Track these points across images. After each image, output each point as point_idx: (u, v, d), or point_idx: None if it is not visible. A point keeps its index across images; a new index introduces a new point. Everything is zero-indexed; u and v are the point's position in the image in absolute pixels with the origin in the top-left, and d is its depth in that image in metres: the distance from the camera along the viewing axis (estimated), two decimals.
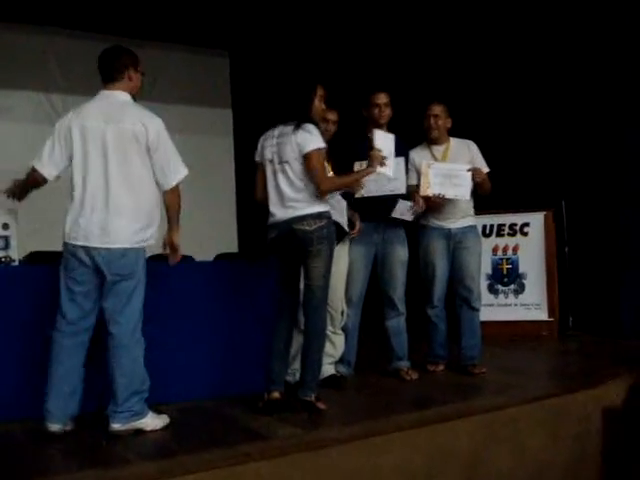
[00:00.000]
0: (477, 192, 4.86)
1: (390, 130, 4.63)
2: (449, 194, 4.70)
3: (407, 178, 4.71)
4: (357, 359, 4.80)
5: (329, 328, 4.47)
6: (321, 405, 3.82)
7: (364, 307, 4.79)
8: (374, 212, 4.59)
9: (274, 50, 7.34)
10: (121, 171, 3.40)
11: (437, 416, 3.69)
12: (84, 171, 3.42)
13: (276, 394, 3.83)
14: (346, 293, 4.65)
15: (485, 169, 4.89)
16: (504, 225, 6.62)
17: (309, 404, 3.80)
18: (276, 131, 3.91)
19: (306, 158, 3.77)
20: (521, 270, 6.55)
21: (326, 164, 4.04)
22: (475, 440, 3.67)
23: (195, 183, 7.30)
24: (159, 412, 3.54)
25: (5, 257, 3.93)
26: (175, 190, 3.53)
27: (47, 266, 3.78)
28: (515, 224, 6.61)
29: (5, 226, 3.98)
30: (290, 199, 3.82)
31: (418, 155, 4.88)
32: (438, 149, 4.88)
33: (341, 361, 4.66)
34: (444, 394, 4.26)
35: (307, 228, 3.79)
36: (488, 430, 3.74)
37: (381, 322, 4.79)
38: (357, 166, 4.45)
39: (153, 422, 3.44)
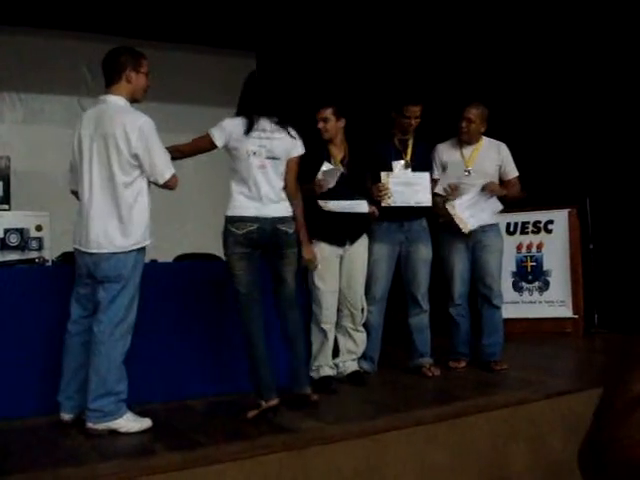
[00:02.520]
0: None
1: (422, 131, 4.80)
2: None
3: (430, 173, 4.83)
4: (381, 356, 4.87)
5: (349, 325, 4.59)
6: (314, 397, 3.90)
7: (388, 304, 4.86)
8: (398, 211, 4.67)
9: (301, 51, 7.41)
10: (102, 178, 3.41)
11: (457, 411, 3.74)
12: (79, 179, 3.50)
13: (275, 401, 3.68)
14: (370, 291, 4.73)
15: (514, 173, 4.93)
16: (528, 223, 6.63)
17: (305, 397, 3.87)
18: (249, 123, 3.79)
19: (293, 161, 3.93)
20: (545, 267, 6.56)
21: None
22: (495, 435, 3.72)
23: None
24: (142, 414, 3.52)
25: (39, 258, 4.08)
26: (170, 187, 3.56)
27: None
28: (539, 221, 6.62)
29: (39, 227, 4.12)
30: (275, 197, 3.83)
31: (446, 150, 4.94)
32: (467, 149, 4.90)
33: (364, 357, 4.74)
34: (465, 390, 4.31)
35: (289, 230, 3.85)
36: (508, 426, 3.78)
37: (404, 319, 4.86)
38: (384, 176, 4.63)
39: (128, 424, 3.41)
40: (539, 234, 6.61)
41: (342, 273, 4.58)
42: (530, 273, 6.61)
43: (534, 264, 6.60)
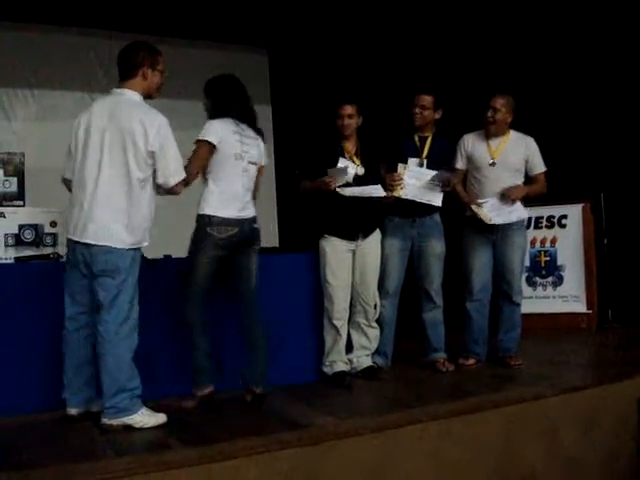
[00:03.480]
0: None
1: (443, 123, 4.82)
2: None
3: (454, 161, 4.88)
4: (395, 351, 4.87)
5: (362, 321, 4.60)
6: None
7: (402, 299, 4.84)
8: (410, 207, 4.66)
9: (313, 47, 7.40)
10: (113, 170, 3.35)
11: (471, 407, 3.74)
12: (81, 167, 3.41)
13: (210, 389, 3.88)
14: (383, 285, 4.72)
15: (540, 169, 4.87)
16: (542, 217, 6.62)
17: (257, 396, 3.88)
18: (234, 126, 3.86)
19: (263, 168, 4.08)
20: (559, 262, 6.54)
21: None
22: (509, 431, 3.72)
23: None
24: (157, 410, 3.51)
25: (53, 253, 4.09)
26: (175, 191, 3.56)
27: None
28: (553, 216, 6.60)
29: (53, 223, 4.13)
30: (249, 198, 3.93)
31: (472, 141, 4.88)
32: (494, 141, 4.82)
33: (377, 352, 4.73)
34: (479, 385, 4.29)
35: (258, 228, 3.97)
36: (522, 421, 3.78)
37: (418, 314, 4.84)
38: (400, 167, 4.64)
39: (143, 419, 3.40)
40: (553, 229, 6.60)
41: (355, 268, 4.56)
42: (544, 268, 6.59)
43: (548, 259, 6.58)
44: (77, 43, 6.98)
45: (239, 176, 3.86)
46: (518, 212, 4.78)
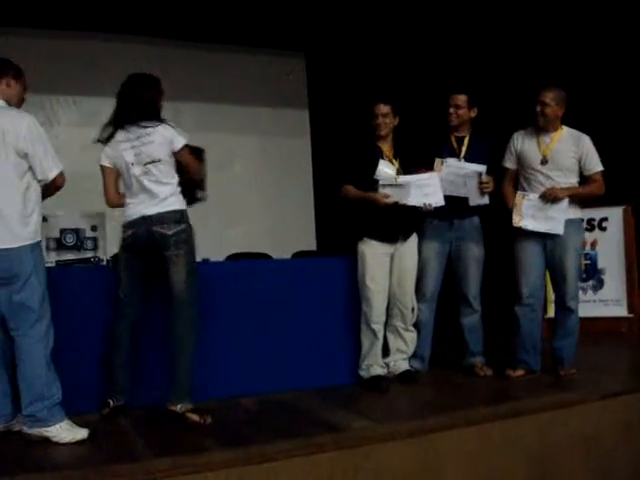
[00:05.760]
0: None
1: (489, 119, 4.76)
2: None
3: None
4: (432, 355, 4.83)
5: (400, 324, 4.58)
6: (194, 417, 3.61)
7: (440, 303, 4.80)
8: (449, 209, 4.58)
9: (350, 51, 7.41)
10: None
11: (509, 411, 3.72)
12: None
13: (122, 402, 3.78)
14: (420, 289, 4.69)
15: (595, 168, 4.59)
16: (582, 220, 6.50)
17: (176, 415, 3.62)
18: (121, 135, 3.77)
19: (182, 154, 3.77)
20: (600, 266, 6.45)
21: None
22: (547, 436, 3.68)
23: (273, 183, 7.66)
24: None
25: (94, 257, 4.16)
26: (57, 185, 3.49)
27: None
28: (593, 219, 6.50)
29: (94, 228, 4.20)
30: (160, 197, 3.74)
31: (522, 138, 4.67)
32: (545, 138, 4.60)
33: (415, 356, 4.71)
34: (518, 390, 4.24)
35: (167, 232, 3.69)
36: (562, 426, 3.74)
37: (456, 318, 4.81)
38: (437, 163, 4.60)
39: (62, 434, 3.29)
40: (593, 232, 6.50)
41: (392, 272, 4.55)
42: (584, 271, 6.48)
43: (588, 262, 6.49)
44: (118, 49, 7.08)
45: (140, 181, 3.71)
46: (554, 223, 4.51)
